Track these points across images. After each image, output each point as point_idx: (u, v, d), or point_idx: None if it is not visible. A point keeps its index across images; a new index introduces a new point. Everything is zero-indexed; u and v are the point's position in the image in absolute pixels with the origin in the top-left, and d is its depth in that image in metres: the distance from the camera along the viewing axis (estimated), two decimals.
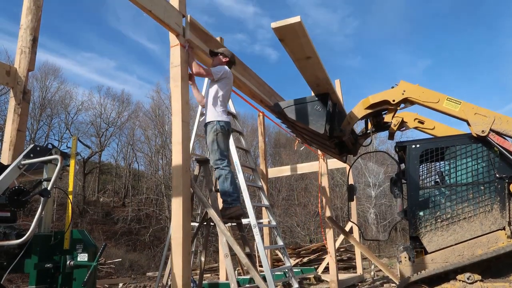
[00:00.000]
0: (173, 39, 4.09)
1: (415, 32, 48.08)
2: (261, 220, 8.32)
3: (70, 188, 3.17)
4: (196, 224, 5.49)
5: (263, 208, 8.19)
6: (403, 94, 4.86)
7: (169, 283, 4.54)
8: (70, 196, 3.12)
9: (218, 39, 6.21)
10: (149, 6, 3.62)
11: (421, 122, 5.13)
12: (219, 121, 4.31)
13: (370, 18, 45.81)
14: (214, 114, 4.34)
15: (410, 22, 47.23)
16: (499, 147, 4.23)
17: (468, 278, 4.01)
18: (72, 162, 3.18)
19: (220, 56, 4.49)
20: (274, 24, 3.85)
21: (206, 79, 7.02)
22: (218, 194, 4.67)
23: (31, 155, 2.91)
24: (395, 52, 49.55)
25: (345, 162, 7.45)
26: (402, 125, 5.22)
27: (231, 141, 5.34)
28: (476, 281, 4.00)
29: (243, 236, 4.73)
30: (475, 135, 4.38)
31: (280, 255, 9.51)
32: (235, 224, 4.89)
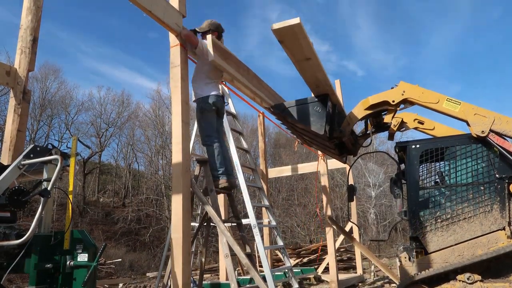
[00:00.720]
0: (173, 39, 4.09)
1: (450, 62, 57.17)
2: (261, 221, 8.32)
3: (70, 188, 3.17)
4: (196, 225, 5.49)
5: (263, 208, 8.19)
6: (402, 94, 4.86)
7: (169, 283, 4.54)
8: (70, 196, 3.12)
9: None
10: (149, 6, 3.62)
11: (421, 123, 5.12)
12: (205, 97, 4.35)
13: (418, 55, 55.72)
14: (202, 90, 4.38)
15: (450, 58, 56.88)
16: (499, 148, 4.23)
17: (468, 278, 4.01)
18: (72, 162, 3.18)
19: (206, 34, 4.38)
20: (274, 26, 3.84)
21: None
22: (218, 194, 4.67)
23: (31, 155, 2.91)
24: (433, 79, 57.05)
25: (345, 162, 7.44)
26: (402, 125, 5.21)
27: (231, 139, 5.33)
28: (476, 281, 3.99)
29: (243, 236, 4.73)
30: (475, 135, 4.38)
31: (280, 255, 9.51)
32: (235, 224, 4.89)
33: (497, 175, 4.24)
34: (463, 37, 55.26)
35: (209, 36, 4.32)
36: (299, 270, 9.82)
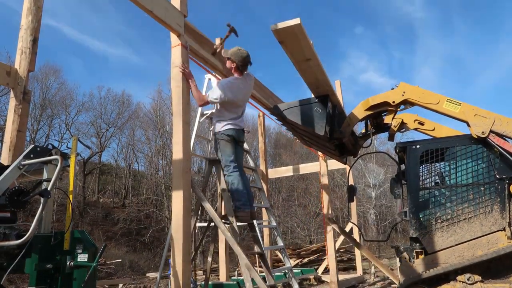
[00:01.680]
0: (174, 40, 4.10)
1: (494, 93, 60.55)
2: (261, 221, 8.31)
3: (70, 189, 3.17)
4: (204, 225, 5.48)
5: (263, 209, 8.19)
6: (403, 95, 4.85)
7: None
8: (70, 197, 3.12)
9: (218, 40, 6.23)
10: (150, 6, 3.63)
11: (421, 123, 5.12)
12: (219, 132, 4.37)
13: (467, 90, 60.60)
14: (217, 125, 4.43)
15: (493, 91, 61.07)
16: (499, 148, 4.23)
17: (468, 279, 4.00)
18: (72, 163, 3.17)
19: (228, 60, 4.41)
20: (274, 26, 3.84)
21: (206, 80, 7.05)
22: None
23: (31, 155, 2.91)
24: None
25: (345, 163, 7.44)
26: (402, 126, 5.21)
27: None
28: (476, 282, 3.99)
29: (255, 236, 4.71)
30: (475, 136, 4.38)
31: (280, 255, 9.50)
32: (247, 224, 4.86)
33: (497, 176, 4.24)
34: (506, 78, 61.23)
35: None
36: (299, 270, 9.83)
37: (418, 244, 4.48)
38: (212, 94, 4.27)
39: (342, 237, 10.59)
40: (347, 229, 10.58)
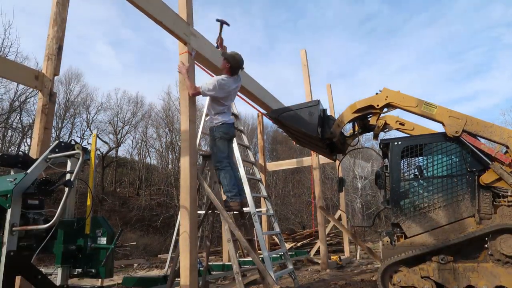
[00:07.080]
0: (181, 47, 4.10)
1: None
2: (259, 209, 8.34)
3: (91, 179, 3.20)
4: (203, 212, 5.52)
5: (262, 198, 8.22)
6: (386, 99, 4.87)
7: (178, 264, 4.57)
8: (91, 186, 3.14)
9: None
10: (160, 17, 3.63)
11: (402, 124, 5.12)
12: (214, 127, 4.26)
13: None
14: (212, 121, 4.31)
15: None
16: (470, 146, 4.26)
17: (442, 259, 4.05)
18: (92, 156, 3.20)
19: (224, 60, 4.23)
20: None
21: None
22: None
23: (57, 150, 2.93)
24: None
25: (334, 161, 7.44)
26: (385, 126, 5.21)
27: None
28: (448, 262, 4.04)
29: (245, 223, 4.74)
30: (450, 135, 4.39)
31: (276, 240, 9.55)
32: (237, 212, 4.91)
33: (468, 169, 4.27)
34: None
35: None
36: (294, 253, 9.88)
37: (399, 229, 4.51)
38: (207, 87, 4.05)
39: (331, 223, 10.63)
40: (336, 216, 10.62)
